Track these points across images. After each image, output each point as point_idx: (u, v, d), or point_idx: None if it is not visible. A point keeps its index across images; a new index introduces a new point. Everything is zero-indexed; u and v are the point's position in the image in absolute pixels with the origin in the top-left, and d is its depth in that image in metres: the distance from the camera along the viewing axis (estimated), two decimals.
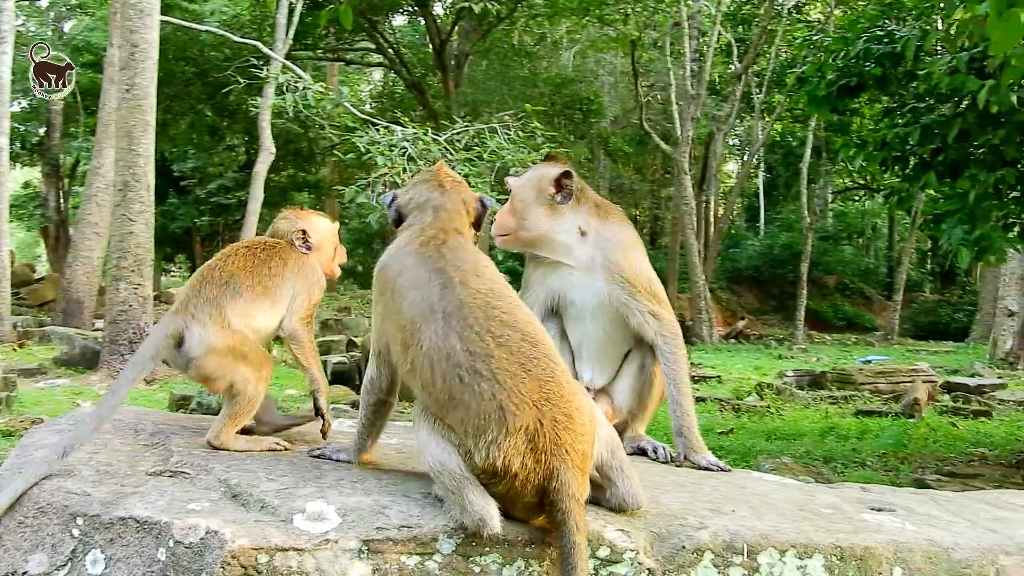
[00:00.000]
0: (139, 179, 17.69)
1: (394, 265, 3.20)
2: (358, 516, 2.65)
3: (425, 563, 2.61)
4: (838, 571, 2.89)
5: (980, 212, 11.02)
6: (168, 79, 36.03)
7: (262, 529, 2.54)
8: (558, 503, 2.69)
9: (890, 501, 3.51)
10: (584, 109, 39.00)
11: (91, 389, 16.46)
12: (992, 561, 3.01)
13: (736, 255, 52.74)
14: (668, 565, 2.77)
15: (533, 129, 17.79)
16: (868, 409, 16.79)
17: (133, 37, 17.85)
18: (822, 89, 12.12)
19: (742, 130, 56.74)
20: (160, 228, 51.89)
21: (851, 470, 12.15)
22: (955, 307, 46.66)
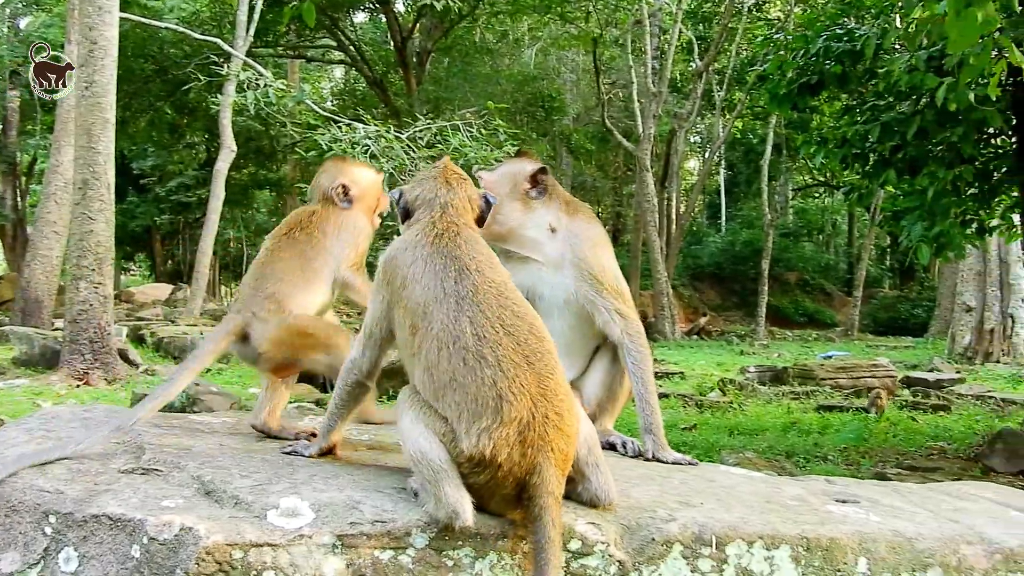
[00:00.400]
0: (99, 177, 17.51)
1: (406, 256, 3.21)
2: (332, 511, 2.66)
3: (399, 557, 2.63)
4: (804, 561, 2.93)
5: (939, 209, 11.16)
6: (127, 76, 35.70)
7: (236, 525, 2.55)
8: (536, 498, 2.72)
9: (854, 493, 3.57)
10: (546, 107, 39.12)
11: (51, 389, 16.28)
12: (954, 551, 3.07)
13: (698, 252, 53.00)
14: (638, 557, 2.81)
15: (496, 127, 17.81)
16: (829, 404, 16.91)
17: (92, 34, 17.67)
18: (783, 87, 12.20)
19: (703, 128, 57.02)
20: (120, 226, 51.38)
21: (813, 464, 12.23)
22: (914, 303, 47.10)
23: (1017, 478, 11.32)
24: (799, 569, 2.93)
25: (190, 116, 41.12)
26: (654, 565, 2.82)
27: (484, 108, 18.45)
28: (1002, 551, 3.10)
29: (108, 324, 17.90)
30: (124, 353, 18.83)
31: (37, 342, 19.26)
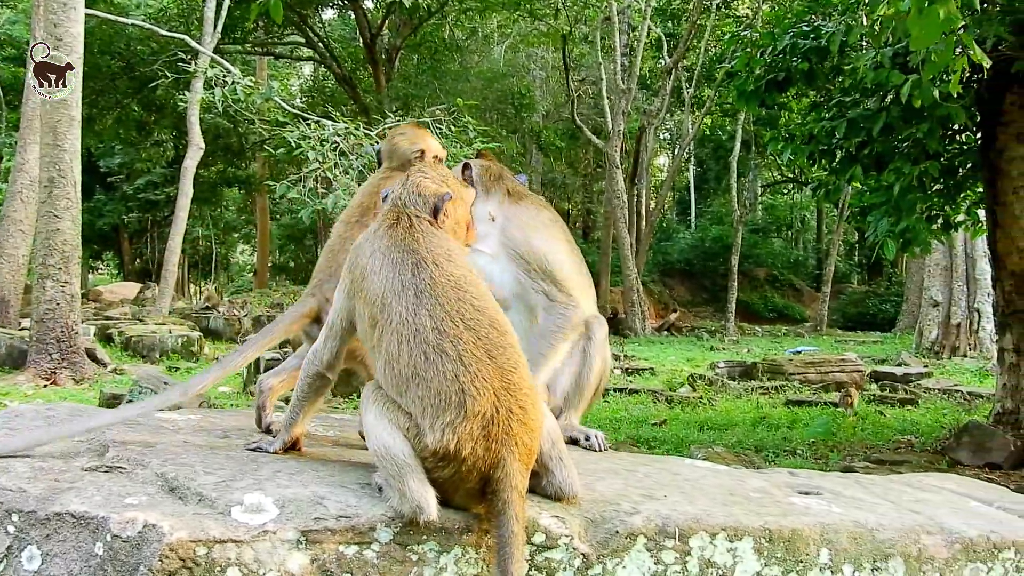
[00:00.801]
0: (65, 175, 17.40)
1: (367, 246, 3.21)
2: (296, 507, 2.66)
3: (363, 552, 2.63)
4: (767, 553, 2.96)
5: (905, 204, 11.25)
6: (93, 73, 35.43)
7: (200, 521, 2.54)
8: (500, 492, 2.73)
9: (817, 485, 3.60)
10: (516, 104, 39.14)
11: (18, 389, 16.17)
12: (915, 541, 3.10)
13: (668, 248, 53.16)
14: (602, 550, 2.82)
15: (465, 124, 17.81)
16: (798, 399, 17.03)
17: (57, 31, 17.53)
18: (750, 84, 12.24)
19: (673, 124, 57.17)
20: (87, 225, 51.11)
21: (782, 458, 12.32)
22: (882, 298, 47.41)
23: (983, 470, 11.43)
24: (761, 560, 2.95)
25: (158, 113, 40.88)
26: (618, 558, 2.83)
27: (454, 105, 18.43)
28: (962, 541, 3.14)
29: (75, 323, 17.79)
30: (92, 352, 18.71)
31: (3, 342, 19.12)
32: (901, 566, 3.08)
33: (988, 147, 11.74)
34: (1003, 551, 3.17)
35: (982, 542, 3.16)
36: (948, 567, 3.12)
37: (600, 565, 2.82)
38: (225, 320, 27.87)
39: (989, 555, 3.15)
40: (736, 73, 12.69)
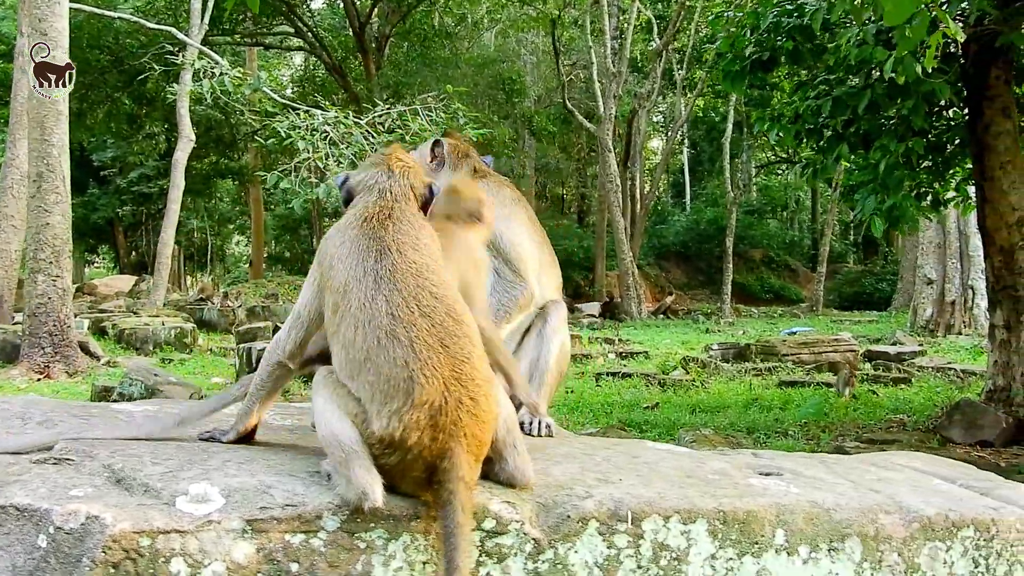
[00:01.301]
0: (53, 170, 17.40)
1: (337, 237, 3.18)
2: (242, 496, 2.63)
3: (310, 540, 2.60)
4: (721, 535, 2.93)
5: (892, 182, 11.21)
6: (83, 68, 35.31)
7: (144, 512, 2.52)
8: (445, 483, 2.70)
9: (779, 465, 3.57)
10: (507, 89, 39.06)
11: (11, 383, 16.19)
12: (872, 520, 3.08)
13: (663, 231, 53.10)
14: (553, 535, 2.80)
15: (455, 110, 17.77)
16: (791, 380, 17.02)
17: (42, 25, 17.50)
18: (736, 65, 12.20)
19: (666, 107, 57.11)
20: (81, 219, 51.38)
21: (774, 440, 12.31)
22: (878, 277, 47.41)
23: (974, 448, 11.44)
24: (716, 543, 2.93)
25: (148, 106, 40.81)
26: (570, 542, 2.81)
27: (444, 92, 18.39)
28: (920, 519, 3.12)
29: (67, 317, 17.81)
30: (85, 345, 18.73)
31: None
32: (858, 546, 3.06)
33: (975, 122, 11.71)
34: (962, 529, 3.14)
35: (940, 520, 3.13)
36: (906, 546, 3.09)
37: (552, 550, 2.80)
38: (219, 311, 27.85)
39: (948, 533, 3.13)
40: (722, 54, 12.63)
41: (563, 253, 47.41)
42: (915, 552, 3.11)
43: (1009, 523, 3.21)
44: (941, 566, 3.14)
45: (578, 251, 48.08)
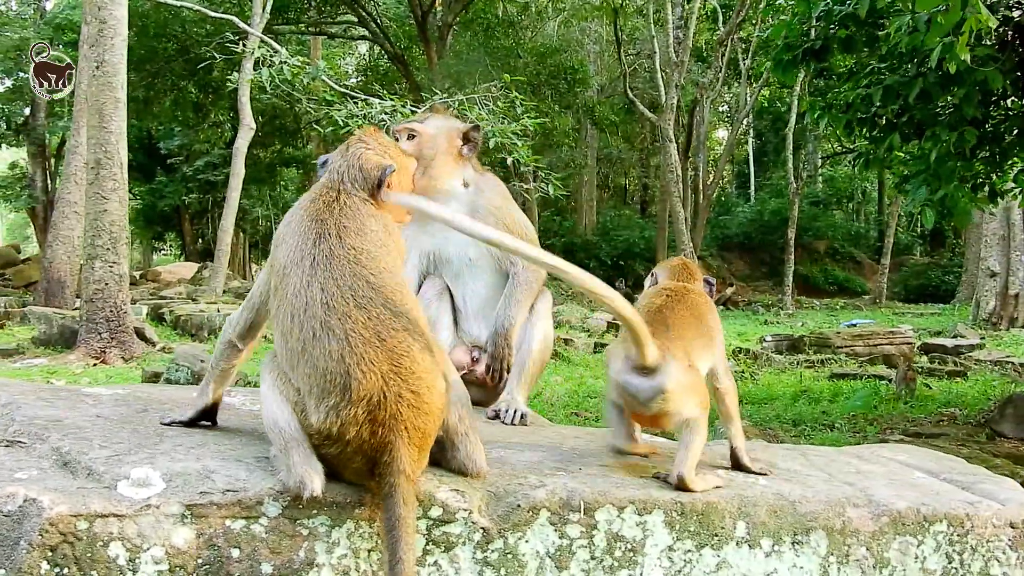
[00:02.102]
0: (111, 157, 17.60)
1: (287, 218, 3.14)
2: (183, 481, 2.62)
3: (251, 526, 2.59)
4: (679, 526, 2.88)
5: (944, 172, 11.00)
6: (149, 56, 35.93)
7: (83, 496, 2.52)
8: (386, 476, 2.65)
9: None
10: (569, 79, 38.82)
11: (67, 368, 16.46)
12: (839, 514, 3.00)
13: (726, 222, 52.70)
14: (503, 524, 2.75)
15: (513, 99, 17.74)
16: (843, 372, 16.80)
17: (101, 13, 17.71)
18: (787, 54, 12.04)
19: (731, 97, 56.59)
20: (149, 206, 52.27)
21: (818, 433, 12.17)
22: (944, 269, 46.65)
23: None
24: (673, 534, 2.87)
25: (214, 95, 41.31)
26: (520, 532, 2.77)
27: (501, 81, 18.37)
28: (890, 513, 3.03)
29: (124, 303, 18.04)
30: (141, 331, 18.98)
31: (56, 322, 19.45)
32: (824, 539, 2.98)
33: None
34: (934, 524, 3.05)
35: (911, 515, 3.04)
36: (875, 540, 3.01)
37: (501, 539, 2.76)
38: None
39: (919, 528, 3.04)
40: (773, 43, 12.49)
41: (624, 243, 47.33)
42: (884, 547, 3.03)
43: (985, 518, 3.12)
44: (912, 561, 3.05)
45: (639, 241, 47.87)
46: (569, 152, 42.54)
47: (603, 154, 53.12)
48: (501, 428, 3.94)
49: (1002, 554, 3.12)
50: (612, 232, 48.86)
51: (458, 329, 4.53)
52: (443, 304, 4.48)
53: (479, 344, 4.50)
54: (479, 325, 4.52)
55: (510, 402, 4.23)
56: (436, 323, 4.42)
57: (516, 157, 16.51)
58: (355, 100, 18.26)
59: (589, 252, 46.15)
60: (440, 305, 4.46)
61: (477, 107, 17.38)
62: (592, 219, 51.42)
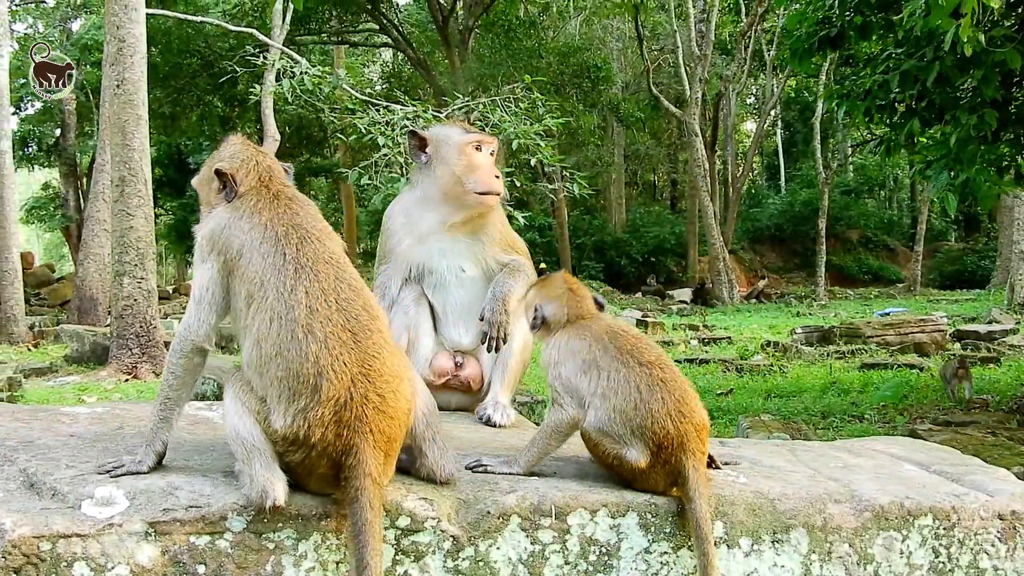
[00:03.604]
0: (135, 174, 17.70)
1: (243, 223, 3.03)
2: (147, 499, 2.61)
3: (216, 542, 2.57)
4: (655, 528, 2.83)
5: (965, 156, 10.87)
6: (174, 72, 36.16)
7: (47, 517, 2.51)
8: (352, 480, 2.63)
9: (740, 454, 3.44)
10: (593, 77, 38.71)
11: (99, 385, 16.58)
12: (820, 511, 2.94)
13: (757, 214, 52.43)
14: (473, 531, 2.72)
15: (535, 100, 17.70)
16: (873, 362, 16.63)
17: (120, 32, 17.82)
18: (803, 42, 11.95)
19: (757, 88, 56.30)
20: (180, 221, 52.55)
21: (848, 424, 12.06)
22: (980, 254, 46.15)
23: None
24: (648, 536, 2.83)
25: (240, 108, 41.53)
26: (491, 539, 2.74)
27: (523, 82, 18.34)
28: (872, 508, 2.97)
29: (153, 318, 18.15)
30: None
31: (88, 339, 19.62)
32: (804, 537, 2.92)
33: None
34: (919, 518, 2.98)
35: (895, 509, 2.98)
36: (858, 536, 2.95)
37: (472, 547, 2.73)
38: None
39: (903, 523, 2.97)
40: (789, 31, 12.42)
41: (654, 240, 47.18)
42: (868, 543, 2.97)
43: (972, 510, 3.04)
44: (898, 557, 2.99)
45: (669, 237, 47.72)
46: (595, 150, 42.43)
47: (630, 151, 52.95)
48: (481, 432, 3.92)
49: (991, 546, 3.05)
50: (642, 229, 48.73)
51: (439, 335, 4.51)
52: (422, 310, 4.46)
53: (461, 349, 4.48)
54: (460, 331, 4.50)
55: (495, 404, 4.21)
56: (417, 328, 4.42)
57: (540, 158, 16.47)
58: (377, 107, 18.27)
59: (620, 250, 46.04)
60: (419, 311, 4.45)
61: (499, 109, 17.35)
62: (622, 217, 51.28)
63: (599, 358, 3.03)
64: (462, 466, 3.11)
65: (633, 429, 2.89)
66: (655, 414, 2.89)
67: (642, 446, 2.88)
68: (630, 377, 2.96)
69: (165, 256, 66.55)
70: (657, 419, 2.88)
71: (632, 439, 2.90)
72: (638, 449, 2.89)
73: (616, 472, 3.00)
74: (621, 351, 3.04)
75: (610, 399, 2.95)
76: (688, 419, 2.92)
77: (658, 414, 2.89)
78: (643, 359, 3.01)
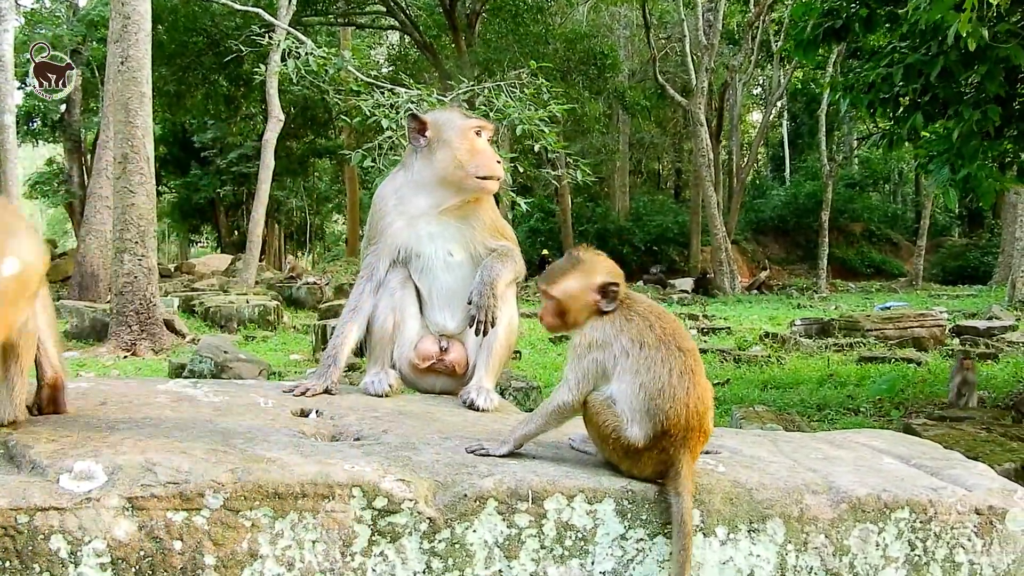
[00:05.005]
0: (138, 151, 17.73)
1: None
2: (125, 474, 2.60)
3: (192, 518, 2.57)
4: (631, 515, 2.83)
5: (967, 151, 10.86)
6: (180, 50, 36.14)
7: (25, 489, 2.52)
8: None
9: (722, 444, 3.43)
10: (599, 64, 38.63)
11: (98, 360, 16.63)
12: (796, 501, 2.94)
13: (761, 206, 52.39)
14: (450, 514, 2.72)
15: (540, 86, 17.67)
16: (871, 356, 16.65)
17: (125, 9, 17.82)
18: (807, 33, 11.93)
19: (764, 79, 56.20)
20: (184, 199, 52.74)
21: (843, 417, 12.10)
22: (983, 250, 46.12)
23: None
24: (625, 523, 2.83)
25: (245, 88, 41.51)
26: (467, 522, 2.74)
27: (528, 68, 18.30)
28: (849, 500, 2.96)
29: (153, 295, 18.19)
30: (171, 323, 19.10)
31: (87, 315, 19.66)
32: (780, 527, 2.92)
33: None
34: (896, 511, 2.98)
35: (871, 501, 2.96)
36: (834, 528, 2.95)
37: (448, 529, 2.73)
38: (307, 290, 28.17)
39: (880, 515, 2.97)
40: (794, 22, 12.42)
41: (657, 229, 47.17)
42: (844, 534, 2.97)
43: (948, 504, 3.04)
44: (873, 549, 2.99)
45: (673, 226, 47.71)
46: (600, 138, 42.39)
47: (635, 139, 52.89)
48: (464, 416, 3.92)
49: (967, 541, 3.05)
50: (645, 217, 48.71)
51: (424, 319, 4.51)
52: (407, 293, 4.46)
53: (446, 333, 4.48)
54: (445, 315, 4.49)
55: (479, 389, 4.22)
56: (402, 311, 4.43)
57: (544, 144, 16.45)
58: (382, 90, 18.24)
59: (622, 238, 46.02)
60: (404, 293, 4.45)
61: (504, 95, 17.32)
62: (625, 205, 51.22)
63: (645, 336, 3.00)
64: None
65: (649, 408, 2.88)
66: (676, 400, 2.87)
67: (649, 427, 2.87)
68: (668, 358, 2.93)
69: (168, 234, 66.68)
70: (676, 406, 2.87)
71: (643, 418, 2.89)
72: (642, 429, 2.89)
73: (607, 447, 2.99)
74: (665, 332, 3.01)
75: (641, 375, 2.92)
76: (699, 418, 2.91)
77: (679, 401, 2.87)
78: (683, 345, 3.00)
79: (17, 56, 32.60)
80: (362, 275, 4.53)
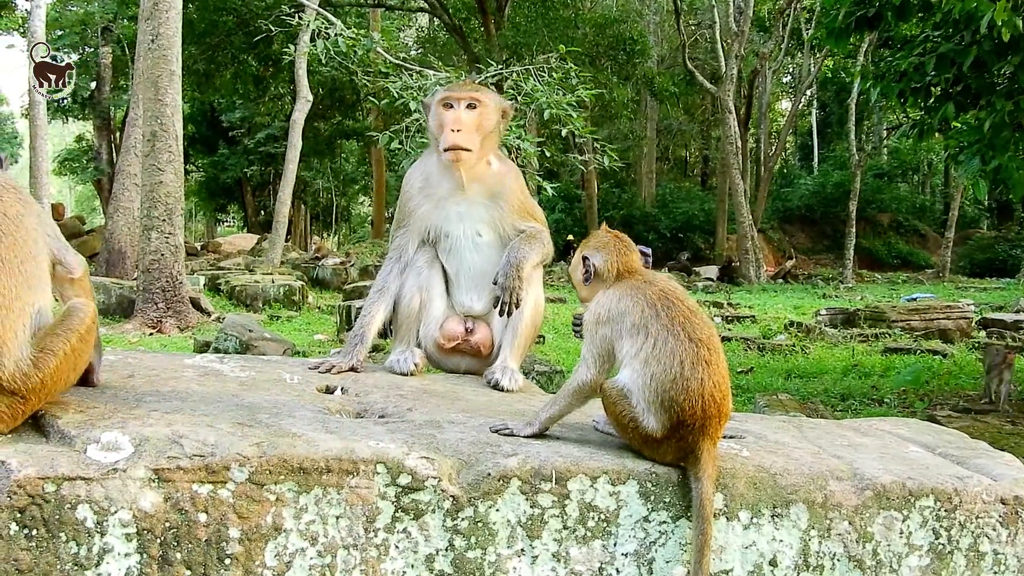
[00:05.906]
0: (167, 129, 17.78)
1: None
2: (152, 445, 2.63)
3: (218, 491, 2.59)
4: (654, 497, 2.83)
5: (999, 142, 10.77)
6: (210, 30, 36.18)
7: (52, 459, 2.54)
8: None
9: (746, 429, 3.43)
10: (628, 50, 38.48)
11: (124, 337, 16.71)
12: (821, 487, 2.93)
13: (788, 194, 52.15)
14: (473, 492, 2.73)
15: (568, 70, 17.61)
16: (896, 347, 16.55)
17: None
18: (839, 21, 11.84)
19: (794, 67, 55.91)
20: (211, 178, 52.93)
21: (867, 408, 12.03)
22: (1012, 243, 45.76)
23: None
24: (648, 505, 2.83)
25: (274, 68, 41.54)
26: (491, 500, 2.74)
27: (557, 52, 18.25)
28: (874, 487, 2.95)
29: (180, 273, 18.27)
30: (196, 301, 19.20)
31: (114, 292, 19.76)
32: (804, 513, 2.92)
33: None
34: (920, 499, 2.97)
35: (896, 489, 2.96)
36: (858, 515, 2.94)
37: (471, 508, 2.74)
38: (332, 270, 28.27)
39: (904, 503, 2.96)
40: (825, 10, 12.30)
41: (683, 216, 47.05)
42: (868, 521, 2.96)
43: (974, 493, 3.02)
44: (897, 536, 2.98)
45: (699, 214, 47.58)
46: (628, 124, 42.28)
47: (663, 126, 52.73)
48: (489, 396, 3.93)
49: (992, 531, 3.04)
50: (671, 204, 48.62)
51: (450, 299, 4.53)
52: (434, 273, 4.48)
53: (472, 314, 4.49)
54: (472, 296, 4.51)
55: (504, 369, 4.23)
56: (429, 290, 4.45)
57: (571, 129, 16.40)
58: (410, 72, 18.22)
59: (648, 224, 45.94)
60: (431, 273, 4.46)
61: (532, 78, 17.26)
62: (651, 191, 51.12)
63: (649, 323, 2.96)
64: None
65: (663, 401, 2.86)
66: (689, 392, 2.85)
67: (665, 418, 2.87)
68: (677, 350, 2.90)
69: (195, 213, 66.98)
70: (690, 398, 2.85)
71: (657, 410, 2.88)
72: (658, 420, 2.88)
73: (627, 435, 2.99)
74: (673, 322, 2.96)
75: (651, 366, 2.91)
76: (717, 406, 2.89)
77: (692, 393, 2.85)
78: (694, 335, 2.94)
79: (49, 33, 32.79)
80: (390, 256, 4.55)
